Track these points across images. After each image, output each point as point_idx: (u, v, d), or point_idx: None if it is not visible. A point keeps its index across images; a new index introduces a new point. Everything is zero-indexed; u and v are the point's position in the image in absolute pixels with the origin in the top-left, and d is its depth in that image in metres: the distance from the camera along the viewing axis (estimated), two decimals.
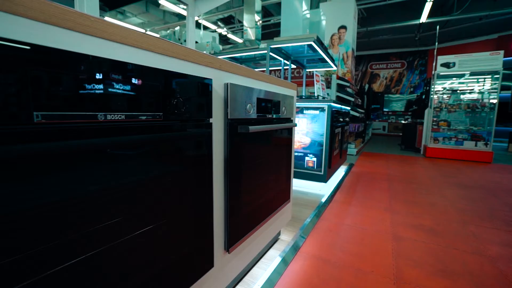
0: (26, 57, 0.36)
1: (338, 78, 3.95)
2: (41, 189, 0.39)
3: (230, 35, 8.74)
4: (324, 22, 3.67)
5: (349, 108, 3.48)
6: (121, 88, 0.49)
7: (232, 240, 0.86)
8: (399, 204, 2.14)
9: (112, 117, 0.49)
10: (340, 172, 3.25)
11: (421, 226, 1.70)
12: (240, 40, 8.67)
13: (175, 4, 6.19)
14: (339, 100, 3.93)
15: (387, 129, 9.82)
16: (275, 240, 1.42)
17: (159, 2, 6.19)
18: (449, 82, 4.97)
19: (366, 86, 7.55)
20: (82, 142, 0.43)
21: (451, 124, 4.72)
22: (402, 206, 2.08)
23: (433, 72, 4.87)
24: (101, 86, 0.46)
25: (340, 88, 4.05)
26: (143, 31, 0.56)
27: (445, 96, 4.85)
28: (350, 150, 4.74)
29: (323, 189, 2.46)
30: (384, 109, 9.76)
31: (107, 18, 0.48)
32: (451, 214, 1.94)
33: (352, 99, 4.37)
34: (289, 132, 1.31)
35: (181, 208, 0.65)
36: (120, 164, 0.50)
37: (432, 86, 4.84)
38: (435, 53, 5.10)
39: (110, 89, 0.47)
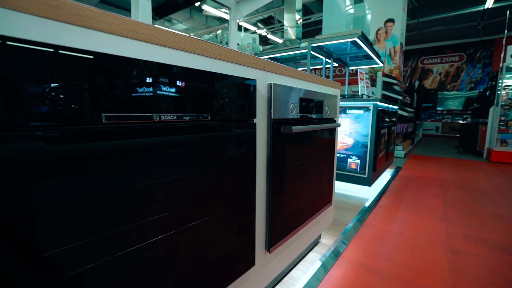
0: (96, 64, 0.41)
1: (384, 75, 3.69)
2: (103, 183, 0.44)
3: (269, 36, 8.77)
4: (369, 17, 3.46)
5: (396, 107, 3.24)
6: (174, 90, 0.53)
7: (273, 240, 0.86)
8: (456, 213, 1.92)
9: (166, 117, 0.52)
10: (386, 175, 3.04)
11: (484, 240, 1.50)
12: (279, 40, 8.65)
13: (217, 8, 6.43)
14: (385, 98, 3.67)
15: (441, 129, 8.88)
16: (315, 243, 1.39)
17: (202, 7, 6.49)
18: None
19: (416, 83, 6.92)
20: (141, 140, 0.47)
21: None
22: (459, 216, 1.86)
23: (500, 64, 4.26)
24: (156, 89, 0.50)
25: (386, 86, 3.77)
26: (188, 35, 0.59)
27: None
28: (397, 152, 4.40)
29: (366, 193, 2.32)
30: (438, 108, 8.83)
31: (156, 26, 0.52)
32: None
33: (400, 98, 4.04)
34: (332, 132, 1.26)
35: (226, 206, 0.67)
36: (171, 161, 0.53)
37: (500, 81, 4.23)
38: (503, 42, 4.46)
39: (164, 92, 0.51)
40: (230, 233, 0.69)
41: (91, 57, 0.40)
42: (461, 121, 8.37)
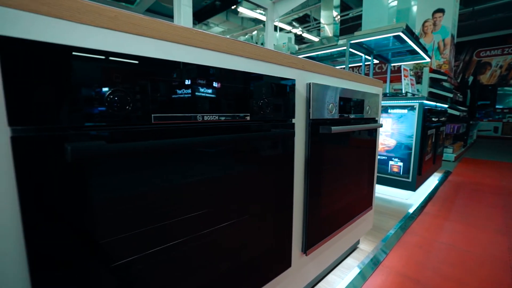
0: (147, 69, 0.44)
1: (432, 71, 3.39)
2: (151, 179, 0.47)
3: (305, 34, 8.62)
4: (415, 8, 3.22)
5: (446, 105, 2.95)
6: (215, 91, 0.54)
7: (310, 242, 0.84)
8: None
9: (208, 118, 0.54)
10: (433, 180, 2.79)
11: None
12: (315, 39, 8.44)
13: (252, 10, 6.51)
14: (433, 96, 3.37)
15: (501, 130, 7.86)
16: (353, 248, 1.33)
17: (238, 10, 6.62)
18: None
19: (471, 79, 6.22)
20: (186, 140, 0.50)
21: None
22: None
23: None
24: (199, 90, 0.52)
25: (434, 82, 3.46)
26: (228, 37, 0.61)
27: None
28: (446, 155, 4.01)
29: (410, 198, 2.16)
30: (497, 106, 7.81)
31: (199, 30, 0.54)
32: None
33: (450, 95, 3.68)
34: (373, 133, 1.20)
35: (264, 205, 0.67)
36: (213, 160, 0.55)
37: None
38: None
39: (206, 93, 0.53)
40: (267, 233, 0.69)
41: (143, 62, 0.43)
42: None
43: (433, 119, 2.34)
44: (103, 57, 0.39)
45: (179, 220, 0.51)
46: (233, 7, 6.66)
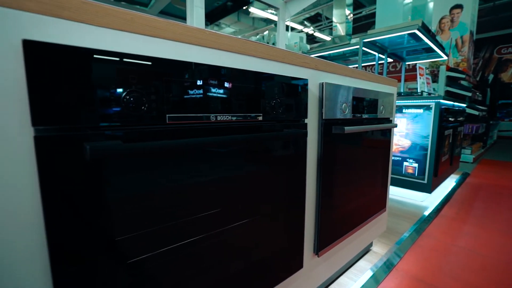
0: (162, 70, 0.45)
1: (449, 69, 3.28)
2: (165, 178, 0.47)
3: (316, 34, 8.53)
4: (431, 5, 3.12)
5: (464, 105, 2.85)
6: (228, 92, 0.55)
7: (322, 243, 0.83)
8: None
9: (221, 118, 0.55)
10: (450, 182, 2.70)
11: None
12: (327, 38, 8.34)
13: (263, 10, 6.50)
14: (450, 95, 3.26)
15: None
16: (366, 250, 1.30)
17: (250, 10, 6.63)
18: None
19: (491, 77, 5.97)
20: (199, 140, 0.50)
21: None
22: None
23: None
24: (213, 91, 0.52)
25: (451, 81, 3.34)
26: (240, 38, 0.61)
27: None
28: (464, 156, 3.86)
29: (426, 201, 2.10)
30: None
31: (212, 31, 0.54)
32: None
33: (469, 94, 3.54)
34: (388, 133, 1.17)
35: (276, 205, 0.67)
36: (225, 160, 0.56)
37: None
38: None
39: (219, 93, 0.53)
40: (279, 233, 0.69)
41: (158, 63, 0.44)
42: None
43: (450, 119, 2.26)
44: (120, 59, 0.40)
45: (192, 219, 0.52)
46: (244, 8, 6.68)
